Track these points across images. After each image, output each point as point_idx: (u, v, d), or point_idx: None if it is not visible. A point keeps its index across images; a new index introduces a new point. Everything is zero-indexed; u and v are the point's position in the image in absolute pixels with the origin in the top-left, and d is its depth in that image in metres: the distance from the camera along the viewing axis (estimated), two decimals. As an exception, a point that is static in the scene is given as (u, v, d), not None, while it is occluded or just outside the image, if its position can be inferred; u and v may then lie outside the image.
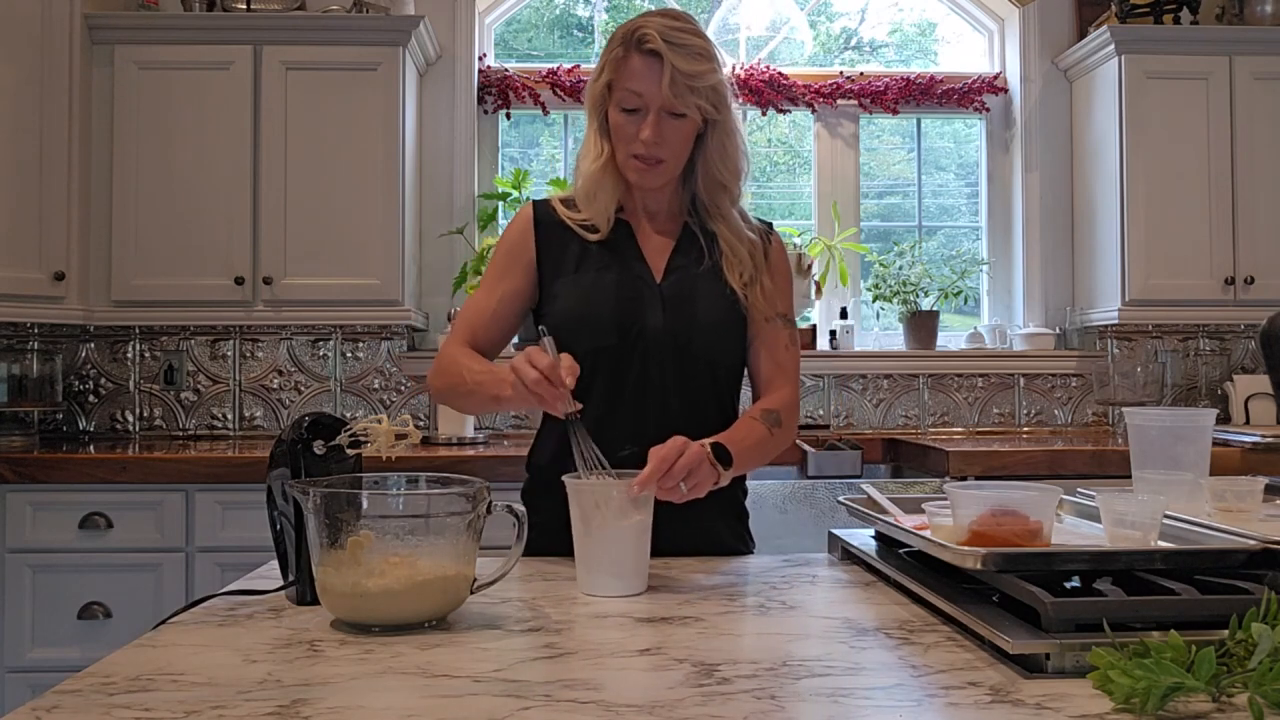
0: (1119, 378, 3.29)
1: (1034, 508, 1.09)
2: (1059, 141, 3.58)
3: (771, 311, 1.60)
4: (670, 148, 1.52)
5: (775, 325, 1.60)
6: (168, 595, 2.62)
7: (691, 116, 1.50)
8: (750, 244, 1.60)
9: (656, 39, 1.47)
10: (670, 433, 1.38)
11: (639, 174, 1.54)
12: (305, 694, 0.86)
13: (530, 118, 3.66)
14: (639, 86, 1.48)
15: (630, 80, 1.49)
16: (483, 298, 1.61)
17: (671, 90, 1.46)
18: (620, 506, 1.23)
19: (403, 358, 3.37)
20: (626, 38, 1.50)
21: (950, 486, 1.14)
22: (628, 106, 1.50)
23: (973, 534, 1.08)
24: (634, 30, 1.49)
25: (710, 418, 1.55)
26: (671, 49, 1.46)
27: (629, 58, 1.49)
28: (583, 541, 1.26)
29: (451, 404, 1.64)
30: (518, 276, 1.59)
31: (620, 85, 1.50)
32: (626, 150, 1.53)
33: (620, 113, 1.51)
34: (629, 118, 1.51)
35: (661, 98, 1.47)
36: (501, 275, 1.61)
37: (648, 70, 1.48)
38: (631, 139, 1.51)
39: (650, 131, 1.48)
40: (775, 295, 1.62)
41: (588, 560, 1.26)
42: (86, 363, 3.32)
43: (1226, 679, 0.80)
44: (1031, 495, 1.11)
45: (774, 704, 0.84)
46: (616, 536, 1.23)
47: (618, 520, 1.23)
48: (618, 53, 1.50)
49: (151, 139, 3.05)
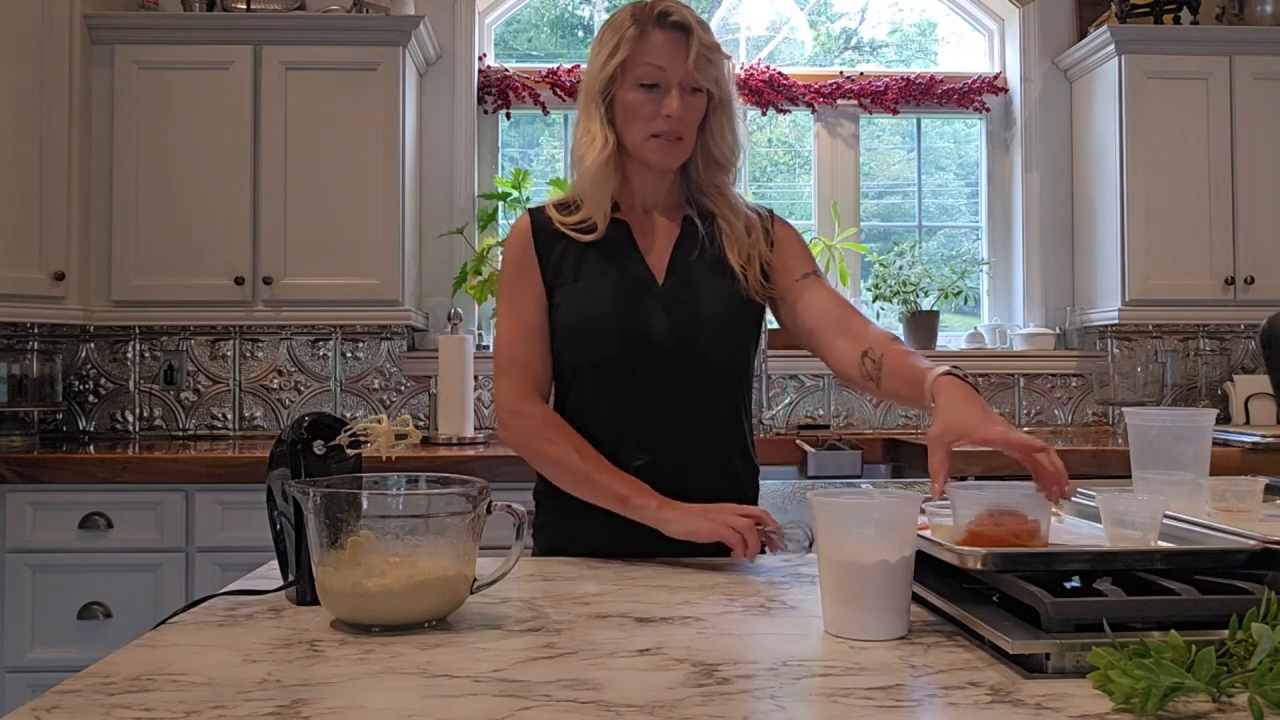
0: (1119, 378, 3.29)
1: (1031, 507, 1.09)
2: (1059, 141, 3.58)
3: (799, 274, 1.57)
4: (688, 124, 1.50)
5: (807, 282, 1.56)
6: (168, 595, 2.62)
7: (706, 93, 1.49)
8: (748, 220, 1.57)
9: (682, 11, 1.46)
10: (684, 437, 1.39)
11: (661, 152, 1.50)
12: (305, 694, 0.86)
13: (530, 118, 3.66)
14: (662, 60, 1.46)
15: (652, 55, 1.46)
16: (515, 326, 1.55)
17: (696, 64, 1.45)
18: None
19: (403, 358, 3.36)
20: (640, 15, 1.48)
21: (950, 486, 1.13)
22: (647, 82, 1.47)
23: (970, 534, 1.08)
24: (650, 7, 1.48)
25: (723, 417, 1.54)
26: (696, 24, 1.47)
27: (648, 33, 1.47)
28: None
29: (537, 465, 1.56)
30: (537, 290, 1.55)
31: (639, 61, 1.47)
32: (645, 130, 1.49)
33: (638, 91, 1.48)
34: (647, 95, 1.48)
35: (684, 72, 1.46)
36: (523, 295, 1.55)
37: (670, 44, 1.46)
38: (651, 117, 1.48)
39: (677, 104, 1.46)
40: (795, 259, 1.58)
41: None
42: (86, 363, 3.32)
43: (1226, 679, 0.80)
44: (1030, 495, 1.10)
45: (774, 704, 0.84)
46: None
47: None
48: (632, 31, 1.48)
49: (151, 139, 3.05)
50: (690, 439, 1.50)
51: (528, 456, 1.54)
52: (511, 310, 1.56)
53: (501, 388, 1.54)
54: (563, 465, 1.48)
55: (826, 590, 1.06)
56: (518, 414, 1.52)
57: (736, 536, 1.35)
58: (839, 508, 1.05)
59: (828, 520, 1.04)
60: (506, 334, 1.56)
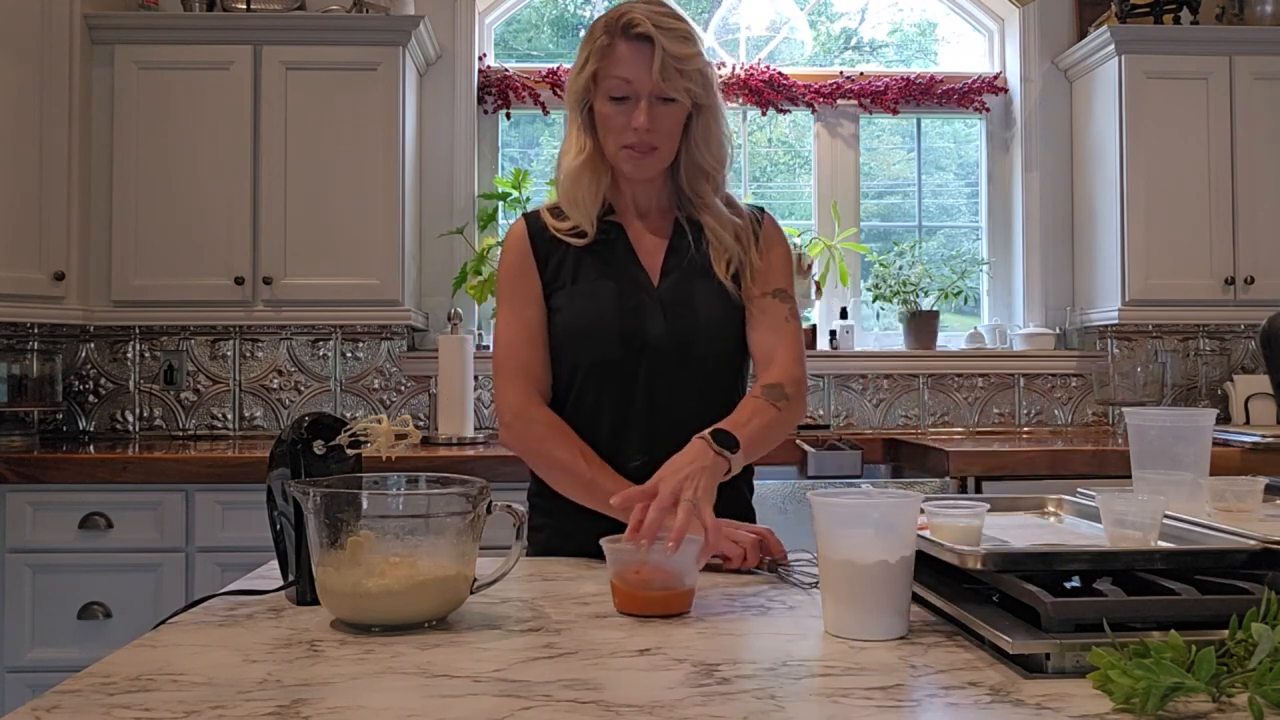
0: (1119, 378, 3.29)
1: (678, 559, 1.14)
2: (1059, 141, 3.58)
3: (766, 287, 1.56)
4: (662, 135, 1.49)
5: (769, 301, 1.55)
6: (168, 595, 2.62)
7: (681, 102, 1.48)
8: (735, 227, 1.56)
9: (645, 23, 1.44)
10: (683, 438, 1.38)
11: (632, 164, 1.50)
12: (305, 694, 0.86)
13: (530, 118, 3.66)
14: (628, 73, 1.45)
15: (618, 67, 1.46)
16: (516, 329, 1.55)
17: (662, 74, 1.44)
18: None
19: (403, 358, 3.36)
20: (611, 25, 1.47)
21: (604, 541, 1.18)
22: (616, 95, 1.47)
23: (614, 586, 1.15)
24: (619, 17, 1.46)
25: (721, 417, 1.53)
26: (661, 32, 1.44)
27: (615, 45, 1.46)
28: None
29: (539, 470, 1.57)
30: (536, 294, 1.55)
31: (608, 74, 1.47)
32: (617, 141, 1.49)
33: (608, 103, 1.48)
34: (618, 107, 1.47)
35: (652, 83, 1.44)
36: (523, 299, 1.55)
37: (636, 56, 1.45)
38: (622, 129, 1.47)
39: (643, 118, 1.45)
40: (769, 272, 1.57)
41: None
42: (86, 363, 3.32)
43: (1226, 679, 0.80)
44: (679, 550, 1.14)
45: (774, 704, 0.84)
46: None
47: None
48: (602, 41, 1.47)
49: (151, 139, 3.05)
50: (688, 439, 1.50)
51: (532, 460, 1.54)
52: (512, 313, 1.56)
53: (505, 391, 1.54)
54: (569, 471, 1.48)
55: (826, 590, 1.06)
56: (523, 418, 1.52)
57: (739, 550, 1.35)
58: (839, 508, 1.05)
59: (828, 520, 1.04)
60: (508, 337, 1.56)
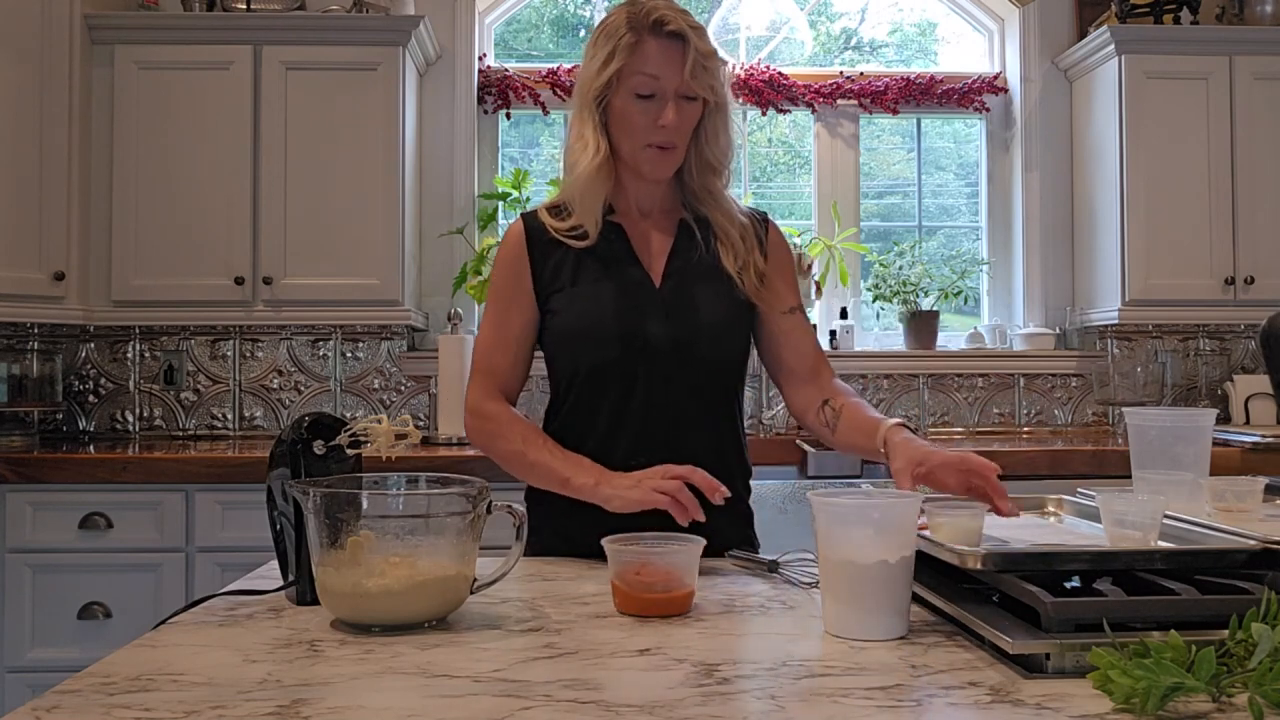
0: (1119, 378, 3.29)
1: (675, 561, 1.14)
2: (1059, 141, 3.58)
3: (786, 306, 1.58)
4: (683, 133, 1.49)
5: (794, 318, 1.59)
6: (168, 595, 2.62)
7: (700, 99, 1.48)
8: (741, 227, 1.57)
9: (678, 20, 1.44)
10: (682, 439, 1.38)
11: (654, 163, 1.49)
12: (305, 694, 0.86)
13: (530, 118, 3.66)
14: (658, 70, 1.44)
15: (648, 65, 1.44)
16: (493, 334, 1.57)
17: (693, 73, 1.44)
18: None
19: (403, 358, 3.36)
20: (637, 22, 1.45)
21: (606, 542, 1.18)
22: (643, 92, 1.45)
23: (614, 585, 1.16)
24: (646, 14, 1.45)
25: (720, 418, 1.54)
26: (692, 30, 1.44)
27: (644, 42, 1.44)
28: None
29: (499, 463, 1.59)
30: (523, 300, 1.55)
31: (635, 70, 1.45)
32: (640, 140, 1.48)
33: (633, 100, 1.46)
34: (643, 105, 1.46)
35: (680, 81, 1.44)
36: (507, 304, 1.56)
37: (666, 53, 1.44)
38: (647, 128, 1.46)
39: (673, 115, 1.45)
40: (785, 289, 1.59)
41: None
42: (86, 363, 3.32)
43: (1226, 679, 0.80)
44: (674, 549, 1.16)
45: (774, 704, 0.84)
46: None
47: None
48: (628, 38, 1.45)
49: (151, 139, 3.05)
50: (687, 440, 1.50)
51: (488, 454, 1.57)
52: (494, 319, 1.57)
53: (469, 391, 1.57)
54: (512, 457, 1.51)
55: (826, 590, 1.06)
56: (477, 415, 1.55)
57: (668, 500, 1.33)
58: (839, 508, 1.05)
59: (828, 520, 1.04)
60: (485, 342, 1.58)
